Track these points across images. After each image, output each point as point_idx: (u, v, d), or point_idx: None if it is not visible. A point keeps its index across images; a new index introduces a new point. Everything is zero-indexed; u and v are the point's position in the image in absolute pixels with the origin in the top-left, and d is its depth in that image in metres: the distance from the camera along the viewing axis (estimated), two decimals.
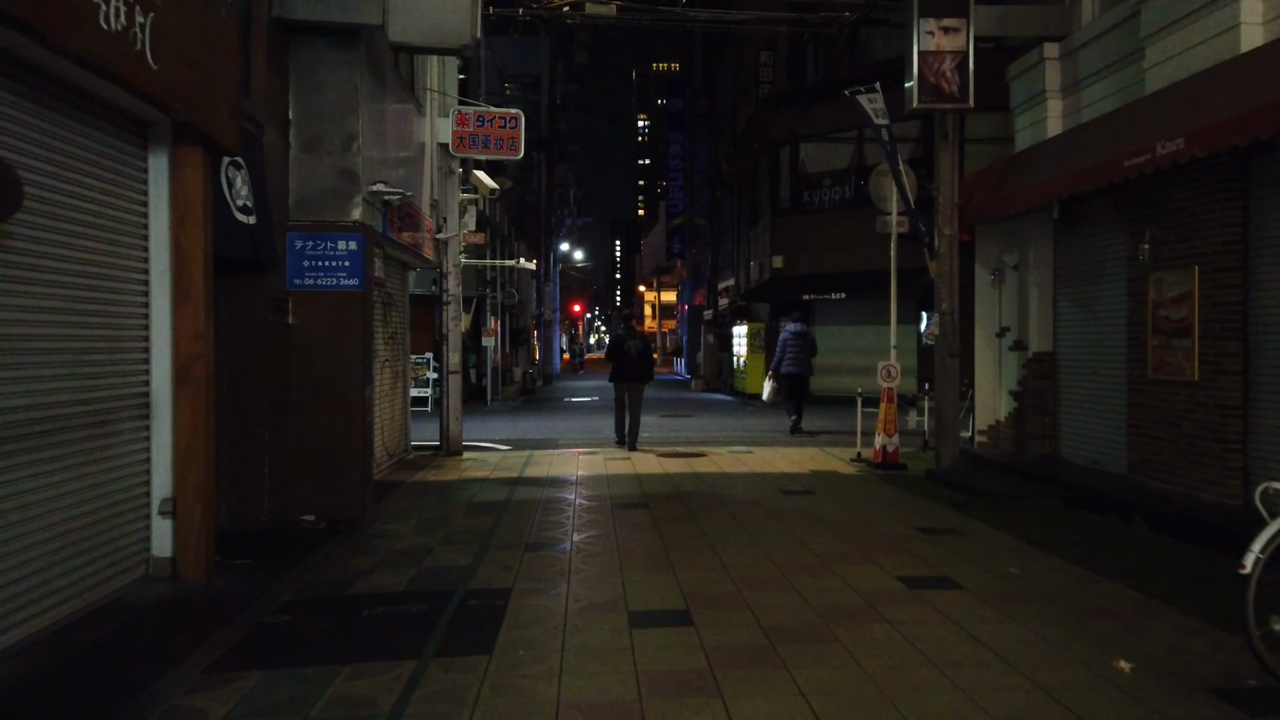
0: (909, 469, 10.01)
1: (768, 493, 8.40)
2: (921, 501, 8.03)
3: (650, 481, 9.10)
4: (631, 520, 7.14)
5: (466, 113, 11.16)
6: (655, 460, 10.74)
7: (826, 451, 11.60)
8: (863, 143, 21.24)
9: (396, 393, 10.82)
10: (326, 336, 7.32)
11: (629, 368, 12.09)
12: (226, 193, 6.03)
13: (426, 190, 10.97)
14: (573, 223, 44.92)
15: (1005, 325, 10.05)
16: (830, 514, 7.36)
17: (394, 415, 10.67)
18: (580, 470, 9.93)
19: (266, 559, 5.96)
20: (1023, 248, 9.72)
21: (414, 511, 7.69)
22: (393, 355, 10.56)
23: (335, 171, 7.40)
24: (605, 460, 10.73)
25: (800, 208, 22.41)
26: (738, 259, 28.13)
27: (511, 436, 13.97)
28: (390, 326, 10.46)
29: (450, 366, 11.58)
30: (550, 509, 7.66)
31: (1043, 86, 9.33)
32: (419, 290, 18.83)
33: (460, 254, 12.51)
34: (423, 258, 10.58)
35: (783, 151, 22.86)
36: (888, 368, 10.41)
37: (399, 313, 10.94)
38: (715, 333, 29.18)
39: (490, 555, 6.02)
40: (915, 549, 6.09)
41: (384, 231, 8.42)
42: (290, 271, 7.27)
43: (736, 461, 10.58)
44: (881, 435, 10.13)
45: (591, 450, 11.81)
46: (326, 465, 7.28)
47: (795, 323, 14.80)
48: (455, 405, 11.55)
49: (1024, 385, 9.65)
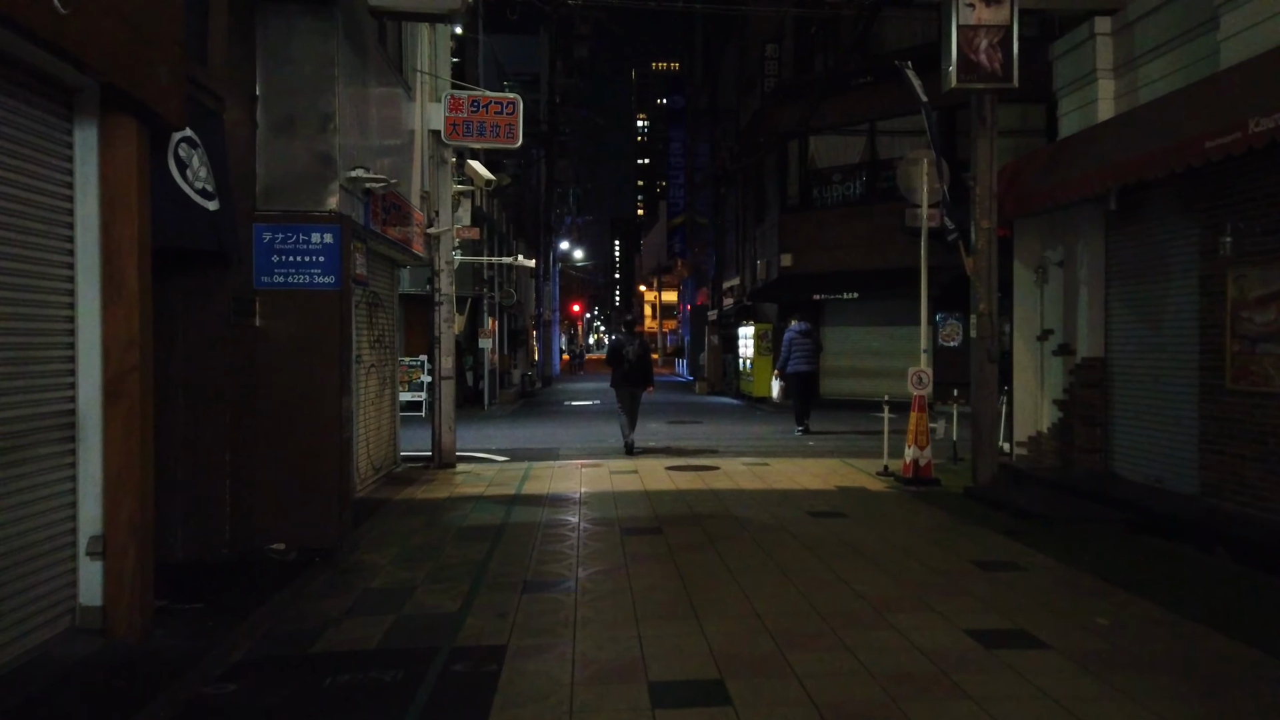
0: (943, 485, 9.16)
1: (793, 514, 7.55)
2: (966, 525, 7.18)
3: (661, 500, 8.26)
4: (644, 550, 6.29)
5: (460, 97, 10.31)
6: (664, 474, 9.89)
7: (850, 464, 10.75)
8: (875, 136, 20.41)
9: (384, 400, 9.97)
10: (298, 341, 6.47)
11: (629, 372, 12.05)
12: (178, 175, 5.18)
13: (416, 181, 10.12)
14: (572, 221, 44.07)
15: (1048, 328, 9.21)
16: (868, 541, 6.51)
17: (381, 425, 9.82)
18: (583, 486, 9.08)
19: (222, 600, 5.13)
20: (1069, 243, 8.88)
21: (398, 538, 6.84)
22: (379, 360, 9.72)
23: (309, 155, 6.55)
24: (610, 475, 9.88)
25: (809, 204, 21.57)
26: (743, 257, 27.27)
27: (509, 446, 13.11)
28: (377, 329, 9.61)
29: (443, 371, 10.73)
30: (551, 535, 6.81)
31: (1093, 65, 8.48)
32: (413, 290, 18.00)
33: (454, 250, 11.67)
34: (412, 254, 9.73)
35: (791, 145, 22.01)
36: (919, 374, 9.57)
37: (386, 314, 10.09)
38: (720, 333, 28.33)
39: (482, 597, 5.17)
40: (976, 589, 5.24)
41: (366, 224, 7.57)
42: (257, 267, 6.43)
43: (753, 475, 9.73)
44: (912, 448, 9.29)
45: (595, 462, 10.96)
46: (298, 487, 6.43)
47: (799, 322, 14.81)
48: (448, 413, 10.70)
49: (1070, 393, 8.81)
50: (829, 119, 20.62)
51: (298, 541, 6.37)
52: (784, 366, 14.33)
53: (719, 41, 33.78)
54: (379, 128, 8.45)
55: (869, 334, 20.80)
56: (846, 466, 10.49)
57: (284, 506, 6.41)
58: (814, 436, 13.80)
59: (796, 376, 14.19)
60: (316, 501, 6.47)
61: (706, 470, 10.14)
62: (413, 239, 9.65)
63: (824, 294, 20.27)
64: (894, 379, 20.90)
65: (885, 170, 20.24)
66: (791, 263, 21.58)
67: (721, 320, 28.36)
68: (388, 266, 10.11)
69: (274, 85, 6.49)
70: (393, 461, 10.45)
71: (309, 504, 6.45)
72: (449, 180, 10.65)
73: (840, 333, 21.27)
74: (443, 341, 10.70)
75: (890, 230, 20.07)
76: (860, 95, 20.47)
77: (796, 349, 14.14)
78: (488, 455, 11.88)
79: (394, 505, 8.23)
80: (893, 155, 20.18)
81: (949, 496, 8.58)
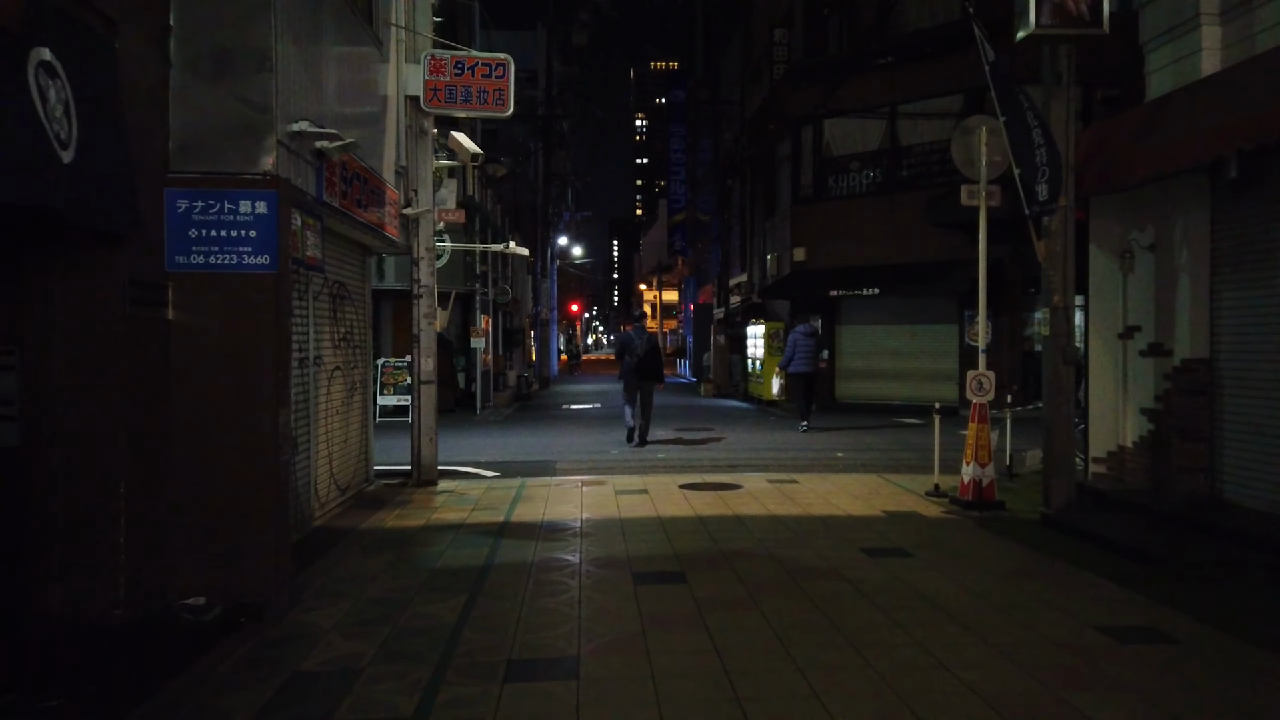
0: (1009, 509, 7.77)
1: (844, 551, 6.15)
2: (1063, 569, 5.78)
3: (679, 531, 6.85)
4: (664, 608, 4.88)
5: (442, 58, 8.91)
6: (679, 495, 8.49)
7: (890, 481, 9.34)
8: (896, 120, 19.01)
9: (352, 409, 8.57)
10: (224, 339, 5.07)
11: (638, 367, 12.22)
12: (39, 103, 3.77)
13: (390, 155, 8.72)
14: (570, 217, 42.67)
15: (1134, 324, 7.81)
16: (950, 594, 5.11)
17: (349, 438, 8.42)
18: (585, 512, 7.67)
19: (92, 692, 3.73)
20: (1163, 222, 7.48)
21: (353, 585, 5.43)
22: (346, 362, 8.32)
23: (237, 102, 5.14)
24: (616, 495, 8.47)
25: (824, 194, 20.16)
26: (750, 253, 25.87)
27: (500, 457, 11.70)
28: (342, 325, 8.21)
29: (422, 375, 9.32)
30: (546, 583, 5.41)
31: (1195, 10, 7.07)
32: (399, 285, 16.59)
33: (439, 236, 10.28)
34: (385, 238, 8.33)
35: (804, 131, 20.60)
36: (978, 378, 8.16)
37: (356, 308, 8.69)
38: (726, 333, 26.91)
39: (449, 689, 3.76)
40: (1126, 678, 3.84)
41: (318, 195, 6.16)
42: (171, 245, 5.02)
43: (782, 497, 8.33)
44: (972, 465, 7.89)
45: (597, 479, 9.55)
46: (223, 526, 5.04)
47: (805, 324, 15.30)
48: (428, 423, 9.29)
49: (1165, 401, 7.41)
50: (846, 103, 19.22)
51: (224, 594, 4.99)
52: (787, 365, 14.68)
53: (721, 33, 32.43)
54: (342, 90, 7.06)
55: (889, 333, 19.41)
56: (888, 485, 9.09)
57: (205, 550, 5.03)
58: (843, 448, 12.40)
59: (800, 377, 14.55)
60: (247, 543, 5.07)
61: (727, 490, 8.73)
62: (386, 220, 8.25)
63: (841, 289, 18.87)
64: (916, 381, 19.56)
65: (907, 157, 18.88)
66: (805, 257, 20.19)
67: (728, 319, 26.95)
68: (356, 253, 8.71)
69: (193, 13, 5.08)
70: (364, 479, 9.05)
71: (237, 546, 5.05)
72: (429, 155, 9.25)
73: (857, 332, 19.88)
74: (423, 340, 9.29)
75: (913, 221, 18.70)
76: (880, 77, 19.08)
77: (801, 349, 14.42)
78: (475, 470, 10.46)
79: (357, 537, 6.82)
80: (914, 141, 18.82)
81: (1022, 525, 7.19)
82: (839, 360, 20.07)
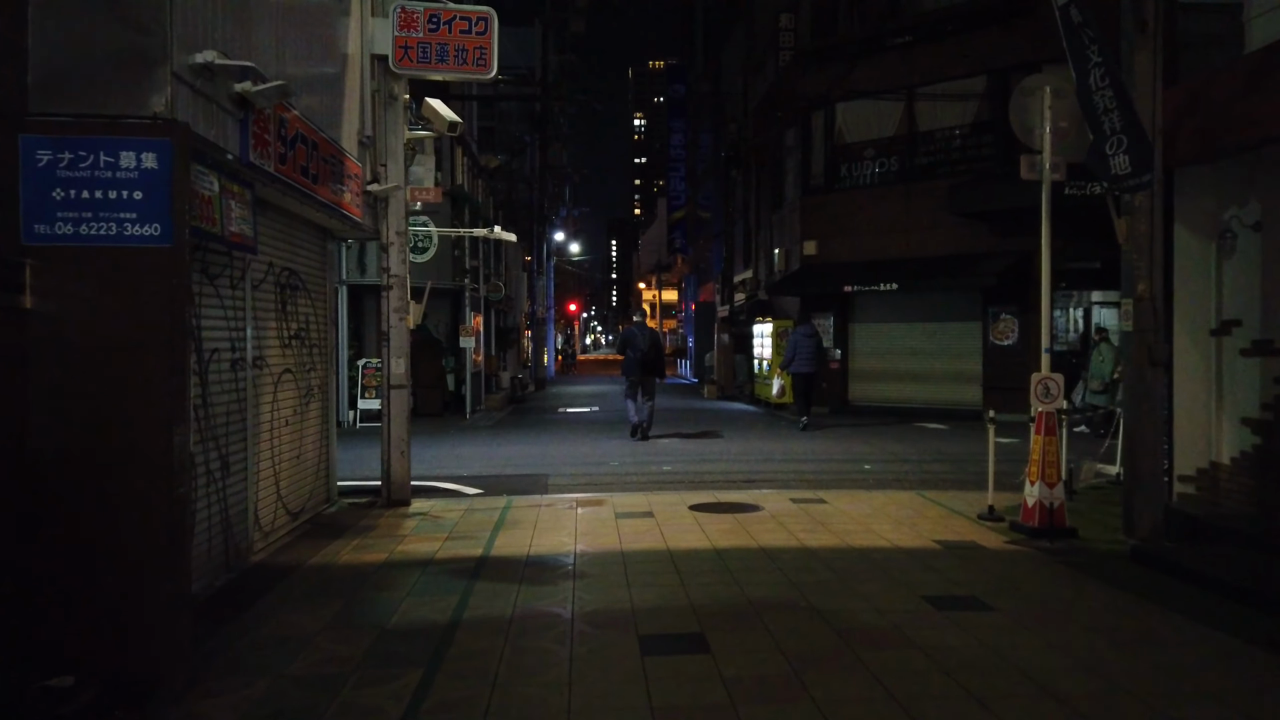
0: (1081, 536, 6.55)
1: (903, 602, 4.91)
2: (1186, 626, 4.54)
3: (695, 570, 5.61)
4: (684, 700, 3.64)
5: (414, 9, 7.67)
6: (689, 519, 7.25)
7: (931, 500, 8.11)
8: (914, 104, 17.77)
9: (308, 420, 7.34)
10: (99, 335, 3.84)
11: (640, 360, 12.70)
12: None
13: (353, 122, 7.49)
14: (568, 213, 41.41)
15: (1232, 318, 6.57)
16: (1060, 673, 3.87)
17: (303, 453, 7.18)
18: (580, 542, 6.43)
19: None
20: (1270, 196, 6.25)
21: (277, 656, 4.19)
22: (300, 364, 7.08)
23: (118, 23, 3.91)
24: (616, 519, 7.23)
25: (836, 184, 18.92)
26: (756, 248, 24.64)
27: (487, 470, 10.46)
28: (294, 320, 6.98)
29: (393, 378, 8.08)
30: (526, 654, 4.16)
31: None
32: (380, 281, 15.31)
33: (414, 220, 9.06)
34: (345, 217, 7.09)
35: (815, 118, 19.37)
36: (1045, 382, 6.90)
37: (314, 301, 7.47)
38: (731, 332, 25.67)
39: None
40: None
41: (243, 153, 4.91)
42: (27, 209, 3.80)
43: (811, 521, 7.10)
44: (1038, 484, 6.65)
45: (595, 497, 8.31)
46: (100, 579, 3.81)
47: (805, 324, 15.62)
48: (400, 433, 8.06)
49: (1276, 410, 6.18)
50: (861, 85, 18.00)
51: (102, 670, 3.76)
52: (788, 365, 14.95)
53: (722, 25, 31.26)
54: (287, 40, 5.84)
55: (906, 331, 18.17)
56: (931, 505, 7.85)
57: (78, 614, 3.80)
58: (867, 458, 11.18)
59: (802, 377, 14.79)
60: (133, 602, 3.84)
61: (745, 512, 7.50)
62: (345, 197, 7.01)
63: (856, 285, 17.61)
64: (935, 383, 18.29)
65: (926, 143, 17.65)
66: (815, 251, 18.96)
67: (733, 317, 25.71)
68: (313, 236, 7.47)
69: None
70: (324, 499, 7.81)
71: (120, 607, 3.82)
72: (400, 124, 8.01)
73: (872, 330, 18.64)
74: (393, 338, 8.06)
75: (933, 211, 17.47)
76: (896, 58, 17.86)
77: (802, 350, 14.66)
78: (456, 487, 9.22)
79: (302, 577, 5.58)
80: (934, 126, 17.57)
81: (1107, 560, 5.95)
82: (851, 360, 18.85)
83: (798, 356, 14.61)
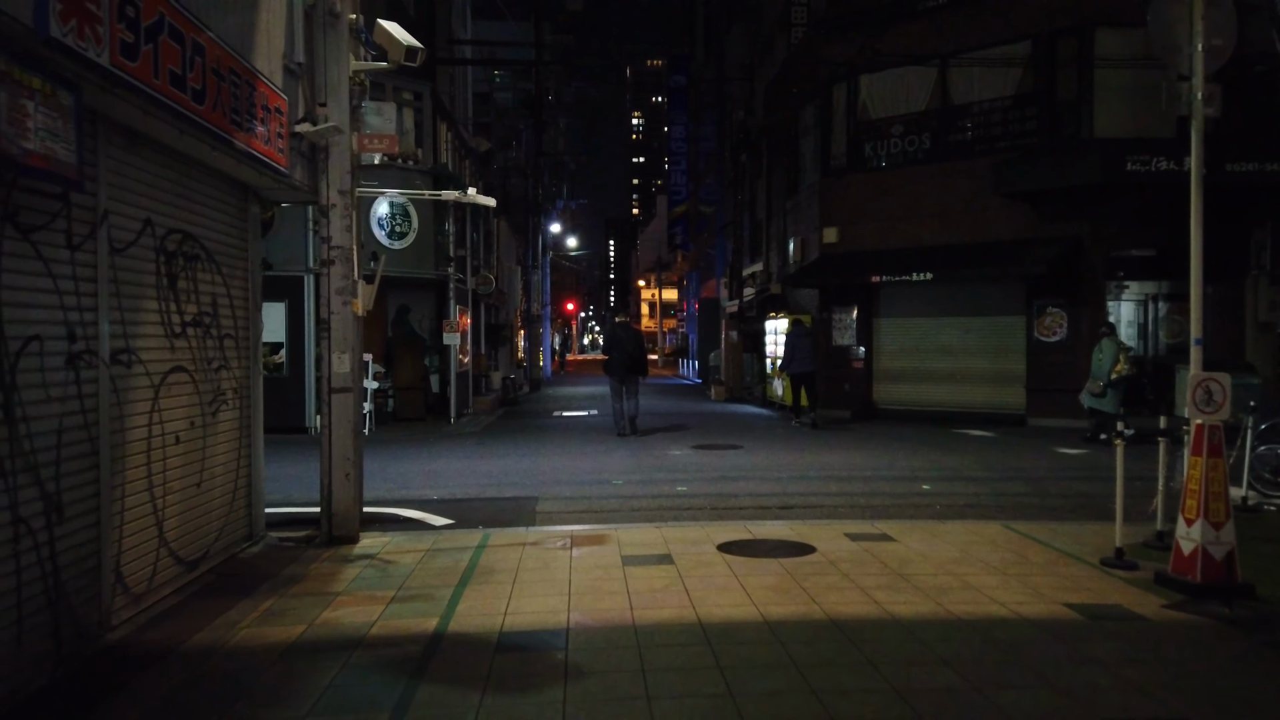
0: (1261, 596, 4.77)
1: None
2: None
3: (742, 663, 3.81)
4: None
5: None
6: (721, 564, 5.46)
7: (1029, 536, 6.29)
8: (947, 74, 15.97)
9: (218, 433, 5.54)
10: None
11: (624, 359, 13.02)
12: None
13: (274, 40, 5.69)
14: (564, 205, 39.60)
15: None
16: None
17: (205, 479, 5.38)
18: (576, 609, 4.62)
19: None
20: None
21: None
22: (200, 359, 5.30)
23: None
24: (624, 568, 5.42)
25: (861, 164, 17.11)
26: (768, 238, 22.81)
27: (464, 490, 8.66)
28: (191, 302, 5.20)
29: (334, 379, 6.27)
30: None
31: None
32: None
33: (366, 183, 7.29)
34: (262, 163, 5.29)
35: (836, 92, 17.55)
36: (1206, 384, 5.08)
37: (224, 277, 5.68)
38: (740, 329, 23.84)
39: None
40: None
41: (40, 25, 3.11)
42: None
43: (884, 569, 5.31)
44: (1199, 523, 4.86)
45: (596, 530, 6.51)
46: None
47: (798, 324, 15.87)
48: (344, 449, 6.25)
49: None
50: (886, 54, 16.19)
51: None
52: (787, 367, 15.13)
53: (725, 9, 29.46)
54: None
55: (938, 327, 16.36)
56: (1029, 543, 6.05)
57: None
58: (919, 473, 9.40)
59: (802, 376, 14.92)
60: None
61: (794, 555, 5.70)
62: (260, 136, 5.21)
63: (885, 275, 15.81)
64: (972, 384, 16.37)
65: (962, 118, 15.85)
66: (836, 238, 17.14)
67: (742, 313, 23.89)
68: (225, 192, 5.68)
69: None
70: (244, 536, 6.02)
71: None
72: (344, 52, 6.19)
73: (899, 326, 16.83)
74: (334, 327, 6.25)
75: (970, 193, 15.64)
76: (928, 23, 16.08)
77: (801, 350, 14.77)
78: (421, 515, 7.40)
79: (164, 672, 3.78)
80: (971, 99, 15.77)
81: None
82: (877, 359, 17.04)
83: (796, 357, 14.80)
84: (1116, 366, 11.79)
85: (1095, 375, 12.08)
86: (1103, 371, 11.92)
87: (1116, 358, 11.82)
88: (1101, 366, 11.95)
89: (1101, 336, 12.34)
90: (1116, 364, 11.80)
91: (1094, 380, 12.09)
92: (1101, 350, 12.08)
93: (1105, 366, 11.88)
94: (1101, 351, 12.06)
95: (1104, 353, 11.98)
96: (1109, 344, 12.02)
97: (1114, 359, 11.81)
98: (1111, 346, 11.94)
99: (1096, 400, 12.06)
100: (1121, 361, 11.81)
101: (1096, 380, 12.02)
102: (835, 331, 17.66)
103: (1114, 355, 11.83)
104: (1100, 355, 12.04)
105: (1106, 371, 11.85)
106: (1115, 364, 11.80)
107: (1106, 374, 11.85)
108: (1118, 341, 12.13)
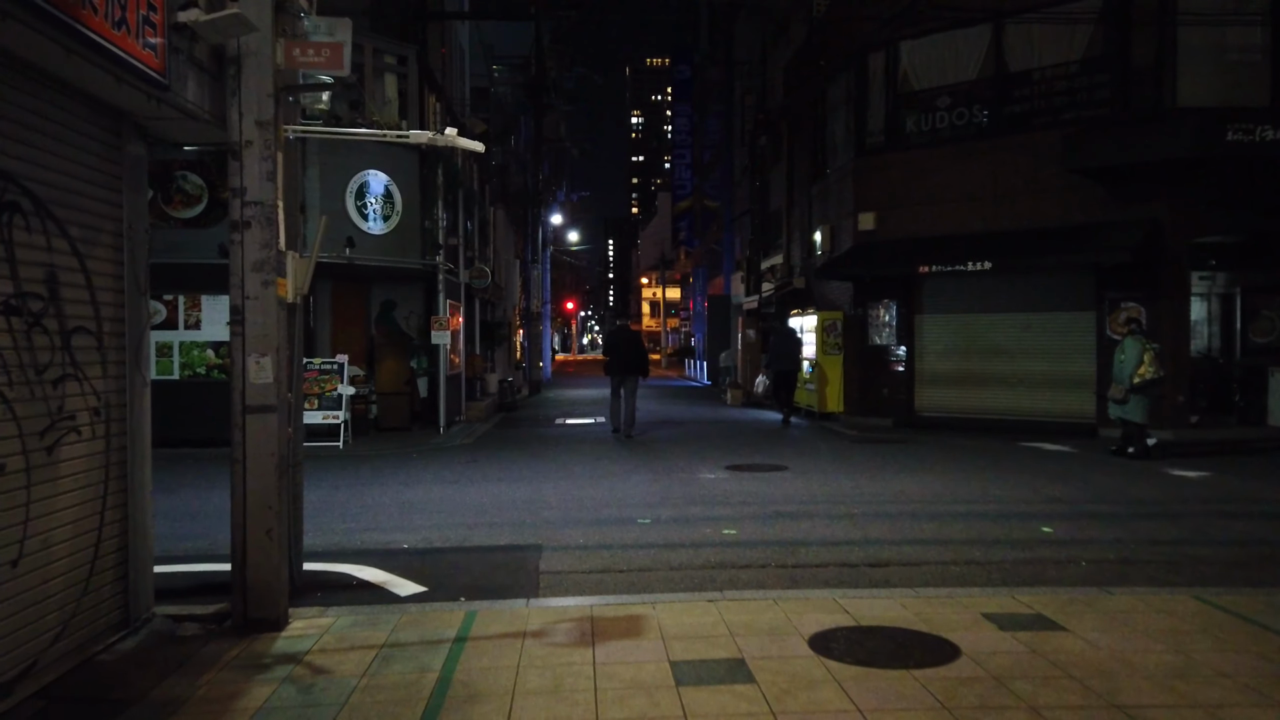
0: None
1: None
2: None
3: None
4: None
5: None
6: (829, 685, 3.54)
7: (1244, 618, 4.38)
8: (1002, 36, 14.04)
9: (57, 476, 3.61)
10: None
11: (622, 361, 13.35)
12: None
13: None
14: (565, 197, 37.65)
15: None
16: None
17: (35, 547, 3.45)
18: None
19: None
20: None
21: None
22: (20, 368, 3.34)
23: None
24: (679, 690, 3.50)
25: (901, 141, 15.19)
26: (789, 228, 20.89)
27: (444, 532, 6.72)
28: (8, 278, 3.24)
29: (248, 393, 4.34)
30: None
31: None
32: (331, 256, 11.58)
33: (300, 121, 5.41)
34: (128, 66, 3.37)
35: (873, 60, 15.63)
36: None
37: (67, 241, 3.74)
38: (758, 326, 21.92)
39: None
40: None
41: None
42: None
43: (1085, 694, 3.38)
44: None
45: (625, 608, 4.57)
46: None
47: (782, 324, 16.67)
48: (263, 495, 4.32)
49: None
50: (930, 18, 14.27)
51: None
52: (771, 364, 15.51)
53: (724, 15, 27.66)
54: None
55: (991, 324, 14.41)
56: (1251, 628, 4.12)
57: None
58: (1036, 512, 7.47)
59: (785, 374, 15.42)
60: None
61: (929, 663, 3.77)
62: (115, 20, 3.28)
63: (934, 265, 13.88)
64: (1032, 390, 13.95)
65: (1020, 87, 13.91)
66: (873, 225, 15.24)
67: (761, 309, 21.97)
68: (78, 116, 3.75)
69: None
70: (117, 623, 4.09)
71: None
72: None
73: (946, 323, 14.91)
74: (249, 319, 4.32)
75: (1028, 172, 13.66)
76: None
77: (787, 348, 15.30)
78: (381, 577, 5.44)
79: None
80: (1031, 65, 13.82)
81: None
82: (919, 361, 15.11)
83: (783, 354, 15.23)
84: (1140, 369, 10.07)
85: (1117, 379, 10.46)
86: (1124, 375, 10.27)
87: (1141, 359, 10.09)
88: (1124, 369, 10.32)
89: (1126, 335, 10.65)
90: (1140, 365, 10.08)
91: (1116, 385, 10.41)
92: (1124, 351, 10.46)
93: (1128, 369, 10.25)
94: (1124, 352, 10.44)
95: (1126, 354, 10.37)
96: (1132, 343, 10.36)
97: (1138, 360, 10.11)
98: (1135, 346, 10.29)
99: (1121, 408, 10.34)
100: (1147, 363, 10.06)
101: (1119, 385, 10.32)
102: (871, 330, 15.74)
103: (1138, 356, 10.12)
104: (1122, 357, 10.42)
105: (1129, 375, 10.19)
106: (1139, 365, 10.09)
107: (1129, 378, 10.17)
108: (1143, 340, 10.36)
